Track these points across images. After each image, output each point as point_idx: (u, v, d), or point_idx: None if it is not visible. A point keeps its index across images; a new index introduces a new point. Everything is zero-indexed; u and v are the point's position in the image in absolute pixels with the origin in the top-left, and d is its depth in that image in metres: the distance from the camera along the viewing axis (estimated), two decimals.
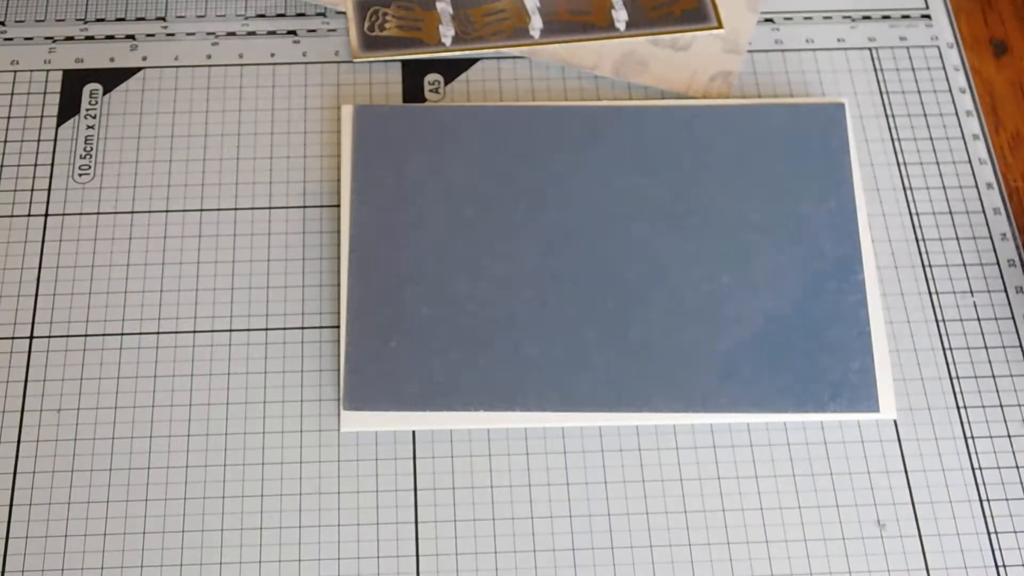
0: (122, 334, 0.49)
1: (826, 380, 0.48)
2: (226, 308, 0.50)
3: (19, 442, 0.47)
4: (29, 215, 0.52)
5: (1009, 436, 0.48)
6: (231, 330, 0.50)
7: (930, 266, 0.52)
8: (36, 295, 0.50)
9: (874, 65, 0.57)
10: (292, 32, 0.57)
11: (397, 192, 0.51)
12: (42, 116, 0.54)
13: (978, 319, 0.51)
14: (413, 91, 0.55)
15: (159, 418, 0.48)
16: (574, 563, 0.45)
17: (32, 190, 0.53)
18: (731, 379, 0.48)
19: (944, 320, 0.50)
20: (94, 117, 0.54)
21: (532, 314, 0.49)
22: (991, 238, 0.52)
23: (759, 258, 0.50)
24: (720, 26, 0.57)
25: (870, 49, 0.57)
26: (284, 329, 0.50)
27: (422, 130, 0.52)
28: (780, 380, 0.48)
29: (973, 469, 0.47)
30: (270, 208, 0.52)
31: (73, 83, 0.55)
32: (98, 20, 0.57)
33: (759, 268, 0.50)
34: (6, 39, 0.56)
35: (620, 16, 0.57)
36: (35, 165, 0.53)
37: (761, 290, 0.49)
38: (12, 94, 0.55)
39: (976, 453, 0.48)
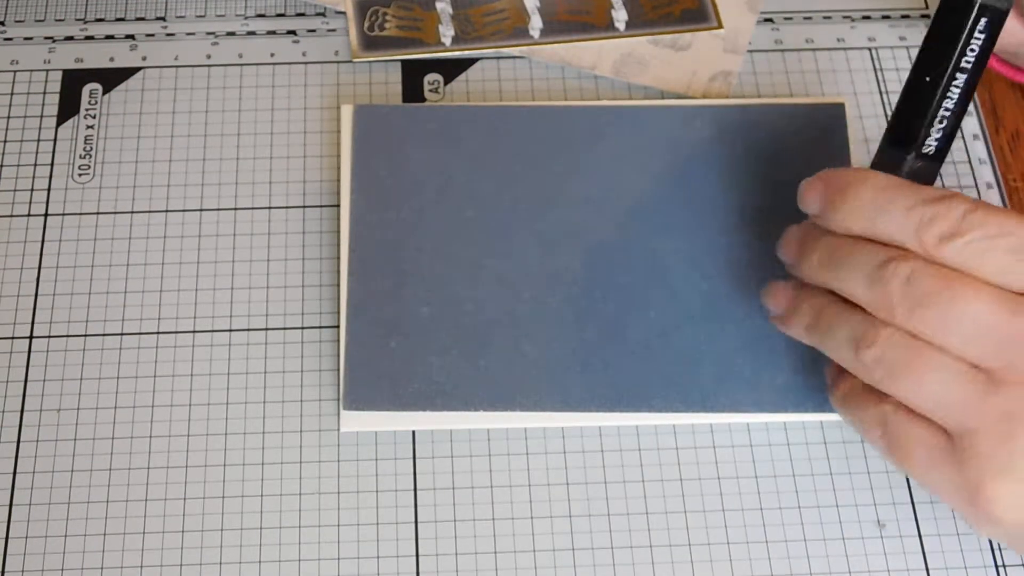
0: (122, 334, 0.49)
1: (824, 381, 0.48)
2: (226, 308, 0.50)
3: (19, 442, 0.47)
4: (29, 215, 0.52)
5: None
6: (231, 330, 0.50)
7: None
8: (36, 295, 0.50)
9: (874, 65, 0.57)
10: (292, 32, 0.57)
11: (397, 191, 0.51)
12: (42, 116, 0.54)
13: None
14: (413, 91, 0.55)
15: (159, 418, 0.48)
16: (574, 563, 0.45)
17: (32, 190, 0.53)
18: (731, 379, 0.48)
19: None
20: (94, 117, 0.54)
21: (532, 314, 0.49)
22: None
23: (759, 258, 0.50)
24: (720, 26, 0.57)
25: (870, 49, 0.57)
26: (284, 329, 0.50)
27: (422, 130, 0.52)
28: (780, 380, 0.48)
29: None
30: (270, 208, 0.52)
31: (73, 83, 0.55)
32: (98, 20, 0.57)
33: (759, 268, 0.50)
34: (6, 39, 0.56)
35: (620, 16, 0.57)
36: (35, 165, 0.53)
37: (761, 290, 0.49)
38: (12, 94, 0.55)
39: None
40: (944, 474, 0.40)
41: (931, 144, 0.43)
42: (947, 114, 0.42)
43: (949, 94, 0.42)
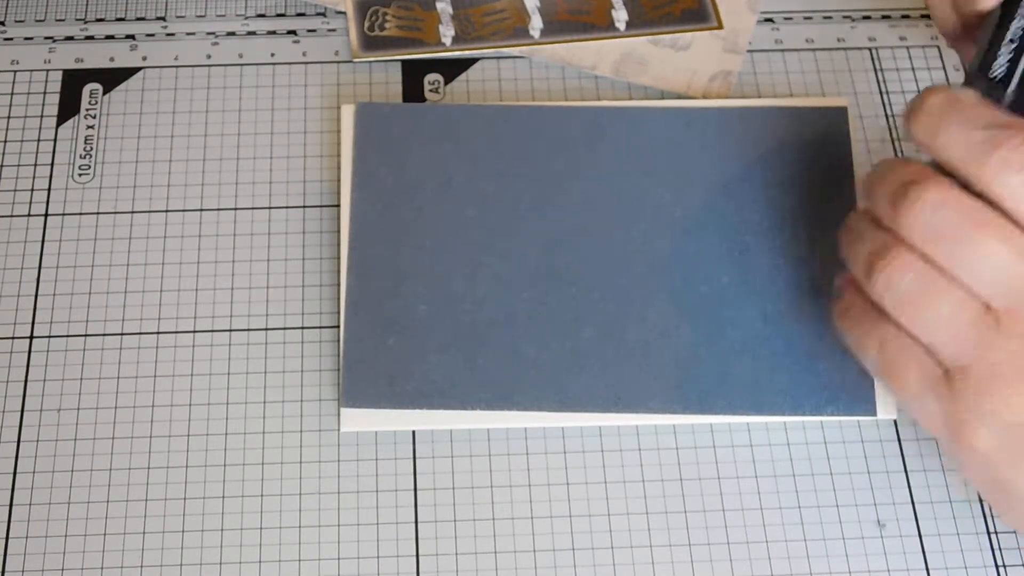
0: (122, 334, 0.49)
1: (824, 383, 0.48)
2: (226, 308, 0.50)
3: (19, 442, 0.47)
4: (29, 215, 0.52)
5: None
6: (231, 330, 0.50)
7: None
8: (36, 295, 0.50)
9: (874, 65, 0.57)
10: (292, 32, 0.57)
11: (397, 190, 0.51)
12: (42, 116, 0.54)
13: None
14: (413, 91, 0.55)
15: (159, 418, 0.48)
16: (574, 563, 0.45)
17: (32, 190, 0.53)
18: (729, 381, 0.48)
19: None
20: (94, 117, 0.54)
21: (530, 313, 0.49)
22: None
23: (758, 260, 0.50)
24: (720, 26, 0.57)
25: (870, 49, 0.57)
26: (284, 329, 0.50)
27: (423, 128, 0.52)
28: (778, 383, 0.48)
29: None
30: (270, 208, 0.52)
31: (73, 83, 0.55)
32: (98, 20, 0.57)
33: (758, 270, 0.50)
34: (6, 39, 0.56)
35: (620, 16, 0.57)
36: (35, 165, 0.53)
37: (760, 292, 0.49)
38: (12, 94, 0.55)
39: None
40: (934, 404, 0.40)
41: (999, 69, 0.40)
42: (1019, 34, 0.40)
43: (1020, 11, 0.40)
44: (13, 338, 0.49)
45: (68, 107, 0.55)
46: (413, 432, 0.48)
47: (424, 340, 0.48)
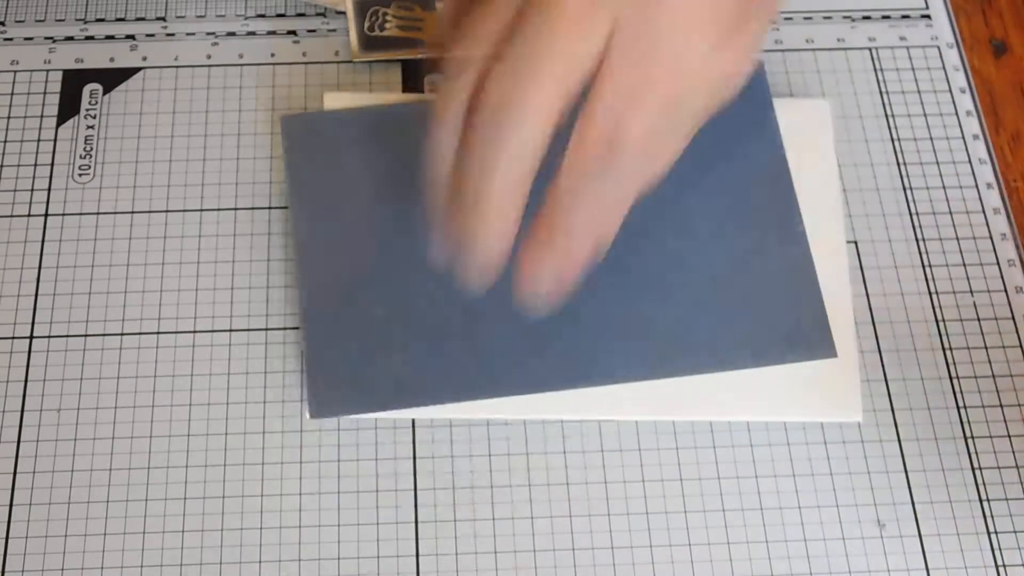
0: (122, 334, 0.49)
1: (780, 331, 0.48)
2: (226, 308, 0.50)
3: (19, 442, 0.47)
4: (29, 215, 0.52)
5: (1009, 436, 0.48)
6: (231, 330, 0.50)
7: (930, 266, 0.52)
8: (36, 295, 0.50)
9: (874, 65, 0.57)
10: (292, 32, 0.57)
11: (335, 197, 0.51)
12: (42, 116, 0.54)
13: (978, 319, 0.51)
14: (413, 91, 0.55)
15: (159, 418, 0.48)
16: (574, 563, 0.45)
17: (32, 190, 0.53)
18: (687, 341, 0.48)
19: (944, 320, 0.50)
20: (94, 117, 0.54)
21: (484, 301, 0.48)
22: (991, 238, 0.52)
23: (700, 220, 0.50)
24: None
25: (870, 49, 0.57)
26: (284, 329, 0.50)
27: (352, 133, 0.52)
28: (735, 336, 0.48)
29: (973, 469, 0.47)
30: (270, 208, 0.52)
31: (73, 83, 0.55)
32: (98, 20, 0.57)
33: (701, 230, 0.50)
34: (6, 39, 0.56)
35: None
36: (35, 165, 0.53)
37: (706, 251, 0.49)
38: (12, 94, 0.55)
39: (976, 453, 0.48)
40: None
41: None
42: None
43: None
44: (13, 338, 0.49)
45: (68, 107, 0.55)
46: (413, 432, 0.48)
47: (385, 342, 0.48)
